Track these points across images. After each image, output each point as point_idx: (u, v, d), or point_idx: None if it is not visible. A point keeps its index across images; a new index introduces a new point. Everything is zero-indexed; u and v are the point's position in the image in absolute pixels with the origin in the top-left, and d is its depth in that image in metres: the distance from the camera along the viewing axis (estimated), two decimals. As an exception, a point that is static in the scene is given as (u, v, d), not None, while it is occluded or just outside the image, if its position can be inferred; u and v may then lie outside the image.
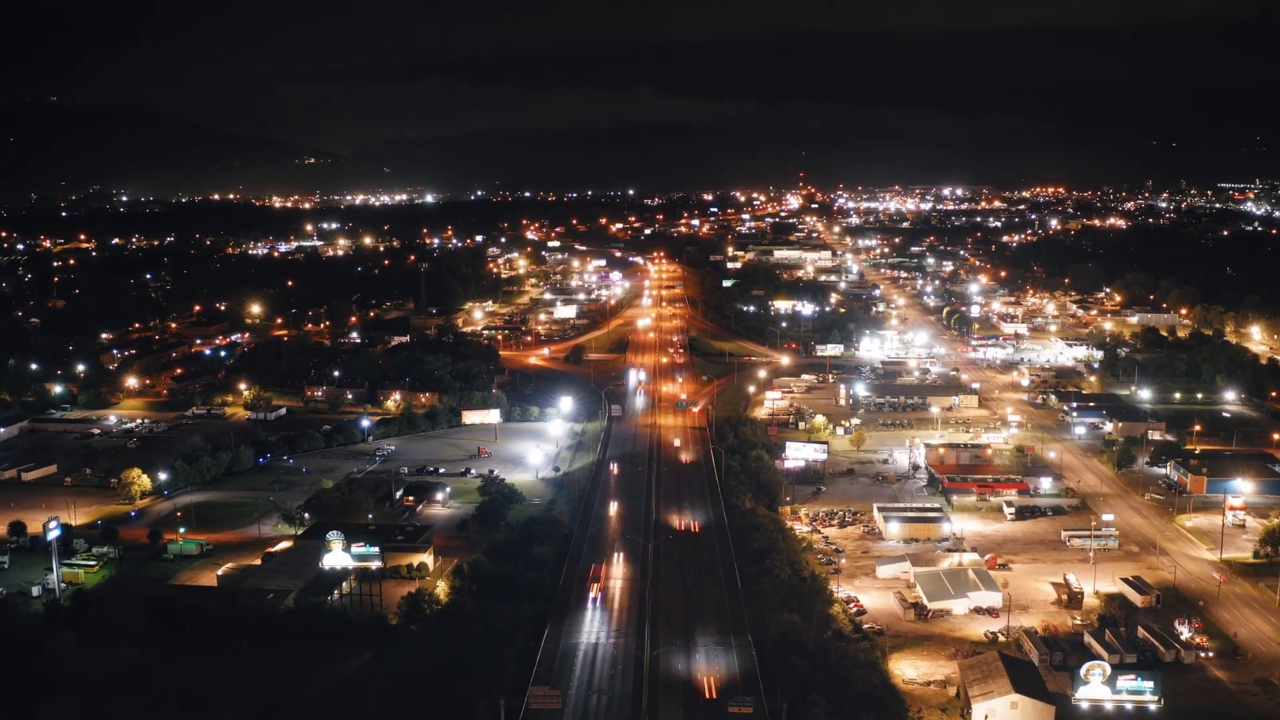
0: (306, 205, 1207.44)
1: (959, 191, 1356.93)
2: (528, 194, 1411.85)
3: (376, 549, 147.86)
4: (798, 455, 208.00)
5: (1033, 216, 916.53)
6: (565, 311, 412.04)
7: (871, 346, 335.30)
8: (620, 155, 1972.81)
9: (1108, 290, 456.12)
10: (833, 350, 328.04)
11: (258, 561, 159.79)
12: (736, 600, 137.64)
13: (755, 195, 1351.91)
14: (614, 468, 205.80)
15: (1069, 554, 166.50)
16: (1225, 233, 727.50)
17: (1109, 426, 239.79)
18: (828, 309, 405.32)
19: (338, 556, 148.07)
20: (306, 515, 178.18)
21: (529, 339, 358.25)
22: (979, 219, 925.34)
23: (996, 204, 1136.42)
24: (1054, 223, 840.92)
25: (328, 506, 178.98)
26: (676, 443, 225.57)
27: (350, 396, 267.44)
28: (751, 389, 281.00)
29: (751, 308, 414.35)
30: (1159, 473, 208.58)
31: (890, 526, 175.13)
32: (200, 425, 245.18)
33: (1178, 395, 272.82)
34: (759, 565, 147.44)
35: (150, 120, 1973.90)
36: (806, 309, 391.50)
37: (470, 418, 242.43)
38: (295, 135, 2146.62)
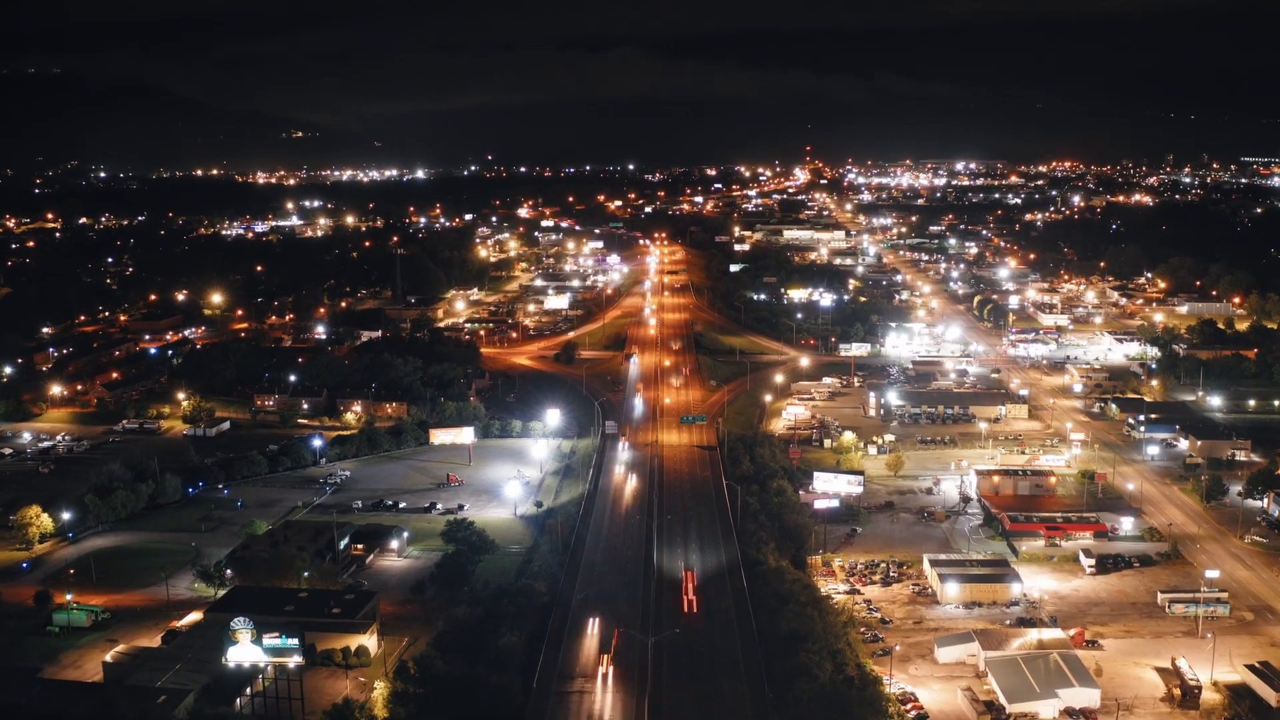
0: (291, 181, 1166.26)
1: (973, 166, 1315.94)
2: (523, 169, 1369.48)
3: (295, 641, 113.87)
4: (828, 490, 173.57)
5: (1053, 193, 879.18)
6: (557, 302, 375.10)
7: (899, 343, 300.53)
8: (621, 129, 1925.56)
9: (1149, 275, 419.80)
10: (858, 350, 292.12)
11: (159, 641, 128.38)
12: (764, 716, 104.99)
13: (761, 170, 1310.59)
14: (607, 504, 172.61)
15: (1170, 624, 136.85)
16: (1259, 210, 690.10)
17: (1184, 444, 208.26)
18: (846, 297, 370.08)
19: (246, 650, 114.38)
20: (229, 572, 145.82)
21: (515, 334, 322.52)
22: (997, 195, 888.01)
23: (1014, 179, 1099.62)
24: (1076, 199, 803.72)
25: (254, 563, 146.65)
26: (682, 469, 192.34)
27: (306, 406, 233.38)
28: (767, 397, 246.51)
29: (763, 296, 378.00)
30: (1255, 506, 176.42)
31: (947, 587, 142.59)
32: (127, 444, 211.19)
33: (1251, 403, 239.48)
34: (791, 659, 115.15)
35: (132, 93, 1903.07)
36: (825, 299, 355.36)
37: (440, 437, 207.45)
38: (282, 109, 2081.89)
